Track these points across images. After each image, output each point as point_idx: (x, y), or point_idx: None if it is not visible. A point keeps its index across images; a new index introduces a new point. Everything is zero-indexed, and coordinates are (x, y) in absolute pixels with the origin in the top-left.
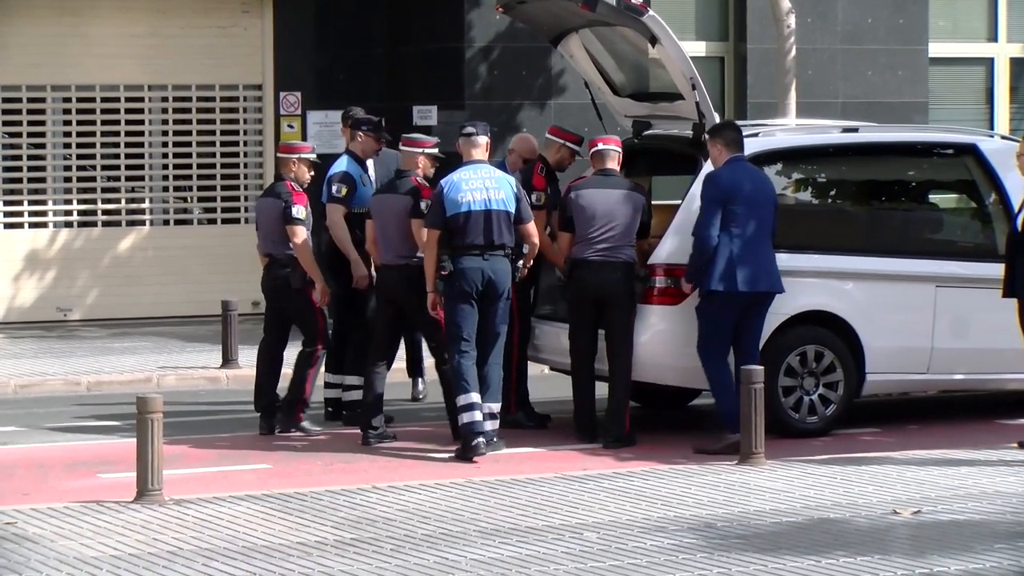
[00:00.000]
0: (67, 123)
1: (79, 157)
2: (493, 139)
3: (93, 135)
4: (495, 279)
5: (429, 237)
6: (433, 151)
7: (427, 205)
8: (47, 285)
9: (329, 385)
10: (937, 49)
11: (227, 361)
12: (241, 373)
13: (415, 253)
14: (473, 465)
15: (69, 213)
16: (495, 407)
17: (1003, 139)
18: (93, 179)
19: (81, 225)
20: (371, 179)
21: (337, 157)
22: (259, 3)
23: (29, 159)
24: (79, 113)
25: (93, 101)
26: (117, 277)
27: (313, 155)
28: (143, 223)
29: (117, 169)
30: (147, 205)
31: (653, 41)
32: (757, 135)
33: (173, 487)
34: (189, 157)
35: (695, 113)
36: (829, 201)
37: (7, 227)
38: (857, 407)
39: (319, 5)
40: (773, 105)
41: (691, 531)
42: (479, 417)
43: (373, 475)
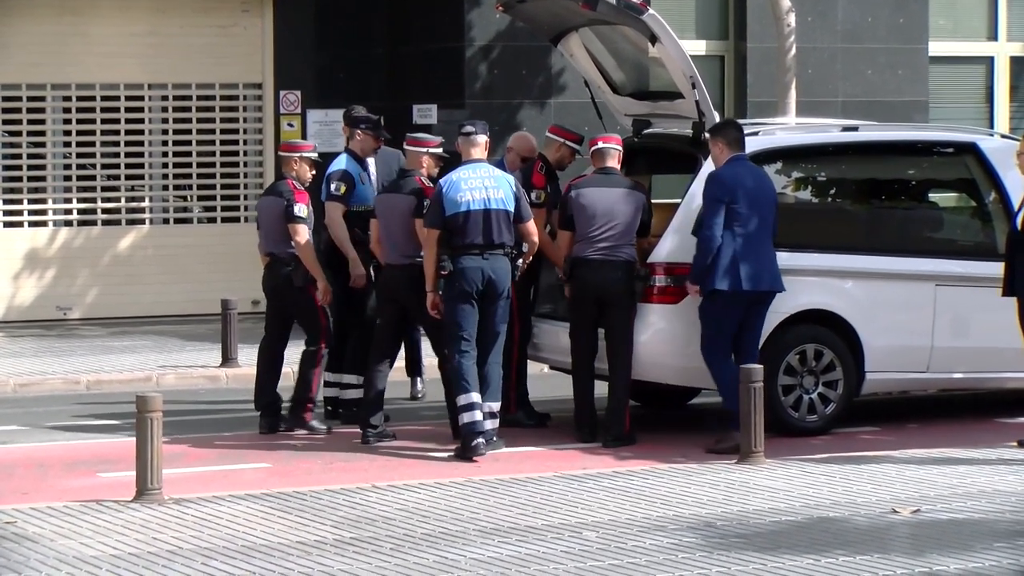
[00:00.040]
0: (67, 122)
1: (79, 156)
2: (494, 138)
3: (93, 134)
4: (495, 278)
5: (428, 237)
6: (437, 151)
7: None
8: (47, 284)
9: (328, 384)
10: (937, 48)
11: (227, 360)
12: (241, 372)
13: (419, 253)
14: (473, 464)
15: (69, 212)
16: (495, 406)
17: (1003, 138)
18: (93, 178)
19: (81, 224)
20: (370, 177)
21: (337, 156)
22: (259, 2)
23: (29, 158)
24: (79, 112)
25: (93, 100)
26: (117, 276)
27: (315, 154)
28: (143, 222)
29: (117, 168)
30: (147, 204)
31: (653, 40)
32: (757, 134)
33: (173, 486)
34: (189, 156)
35: (695, 112)
36: (829, 200)
37: (7, 226)
38: (857, 406)
39: (319, 4)
40: (773, 104)
41: (691, 530)
42: (479, 417)
43: (373, 474)
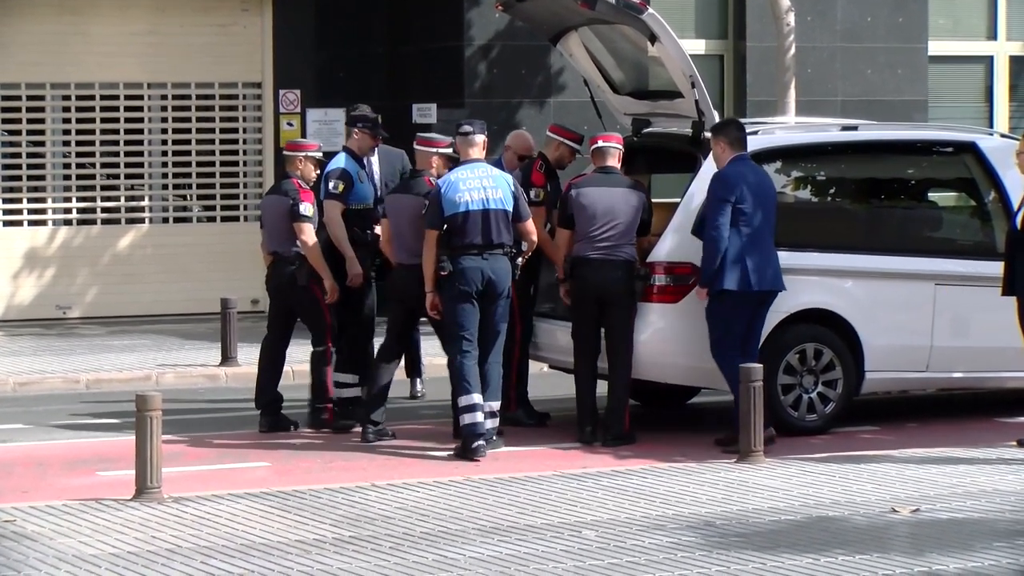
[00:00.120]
0: (67, 121)
1: (78, 155)
2: (494, 137)
3: (93, 133)
4: (495, 278)
5: (427, 238)
6: (447, 151)
7: None
8: (46, 283)
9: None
10: (937, 47)
11: (226, 359)
12: (240, 371)
13: None
14: (472, 463)
15: (68, 211)
16: (495, 405)
17: (1002, 137)
18: (92, 177)
19: (80, 223)
20: (369, 176)
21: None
22: (259, 1)
23: (28, 157)
24: (79, 111)
25: (93, 99)
26: (116, 275)
27: (319, 153)
28: (142, 221)
29: (116, 167)
30: (146, 203)
31: (652, 39)
32: (756, 133)
33: (172, 485)
34: (188, 155)
35: (694, 111)
36: (828, 199)
37: (6, 225)
38: (856, 405)
39: (319, 3)
40: (772, 103)
41: (690, 529)
42: (480, 418)
43: (372, 473)
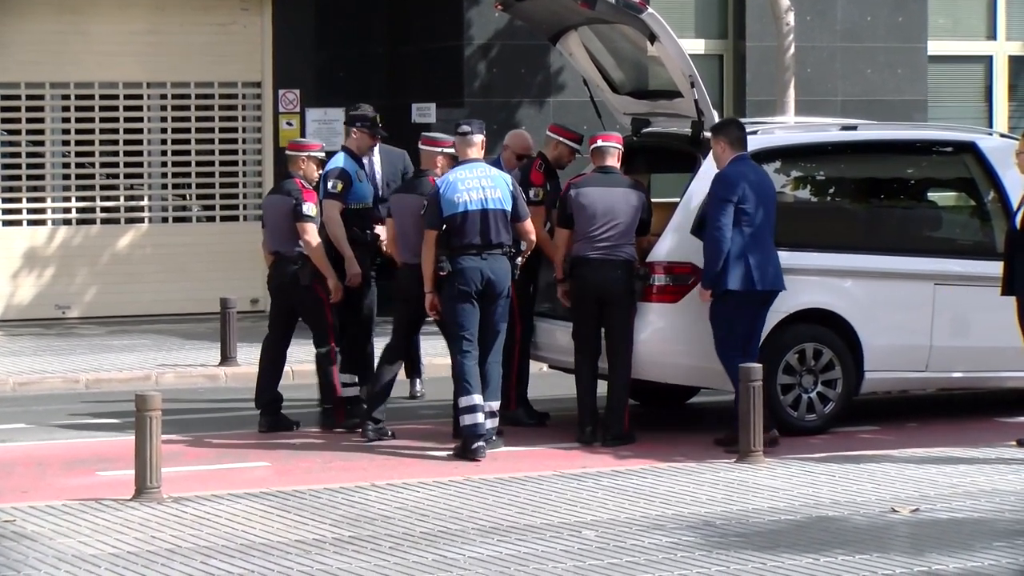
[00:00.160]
0: (66, 120)
1: (78, 154)
2: (493, 137)
3: (92, 132)
4: (494, 278)
5: (427, 238)
6: (452, 151)
7: None
8: (46, 282)
9: None
10: (936, 47)
11: (226, 359)
12: (240, 371)
13: None
14: (472, 463)
15: (68, 210)
16: (495, 405)
17: (1002, 137)
18: (92, 176)
19: (80, 222)
20: (370, 175)
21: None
22: (259, 0)
23: (28, 156)
24: (78, 111)
25: (92, 99)
26: (116, 274)
27: (322, 153)
28: (142, 220)
29: (116, 167)
30: (146, 202)
31: (652, 38)
32: (756, 133)
33: (171, 485)
34: (188, 154)
35: (694, 111)
36: (828, 199)
37: (6, 224)
38: (856, 405)
39: (319, 3)
40: (772, 103)
41: (690, 529)
42: (481, 419)
43: (372, 473)
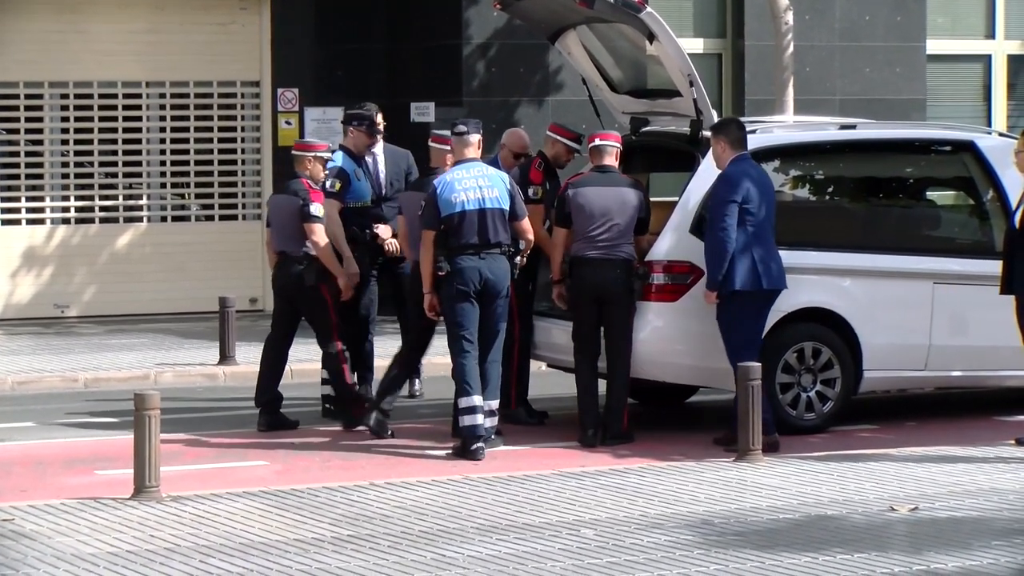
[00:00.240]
0: (65, 120)
1: (77, 153)
2: (492, 136)
3: (91, 131)
4: (493, 278)
5: (425, 238)
6: None
7: None
8: (44, 281)
9: (326, 381)
10: (935, 46)
11: (225, 358)
12: (239, 370)
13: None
14: (471, 462)
15: (67, 209)
16: (494, 404)
17: (1001, 136)
18: (91, 175)
19: (79, 221)
20: (371, 174)
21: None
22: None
23: (27, 155)
24: (77, 110)
25: (91, 98)
26: (115, 273)
27: (328, 153)
28: (141, 219)
29: (115, 165)
30: (145, 202)
31: (651, 38)
32: (755, 132)
33: (170, 484)
34: (187, 153)
35: (693, 110)
36: (827, 198)
37: (5, 223)
38: (855, 404)
39: (318, 2)
40: (771, 102)
41: (688, 528)
42: (480, 420)
43: (370, 472)
